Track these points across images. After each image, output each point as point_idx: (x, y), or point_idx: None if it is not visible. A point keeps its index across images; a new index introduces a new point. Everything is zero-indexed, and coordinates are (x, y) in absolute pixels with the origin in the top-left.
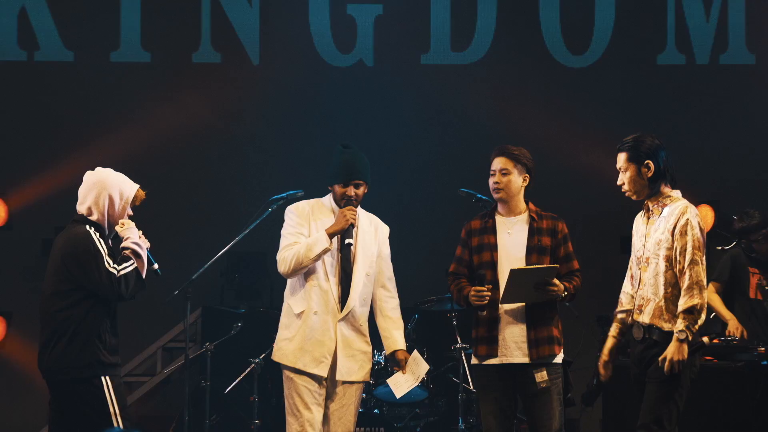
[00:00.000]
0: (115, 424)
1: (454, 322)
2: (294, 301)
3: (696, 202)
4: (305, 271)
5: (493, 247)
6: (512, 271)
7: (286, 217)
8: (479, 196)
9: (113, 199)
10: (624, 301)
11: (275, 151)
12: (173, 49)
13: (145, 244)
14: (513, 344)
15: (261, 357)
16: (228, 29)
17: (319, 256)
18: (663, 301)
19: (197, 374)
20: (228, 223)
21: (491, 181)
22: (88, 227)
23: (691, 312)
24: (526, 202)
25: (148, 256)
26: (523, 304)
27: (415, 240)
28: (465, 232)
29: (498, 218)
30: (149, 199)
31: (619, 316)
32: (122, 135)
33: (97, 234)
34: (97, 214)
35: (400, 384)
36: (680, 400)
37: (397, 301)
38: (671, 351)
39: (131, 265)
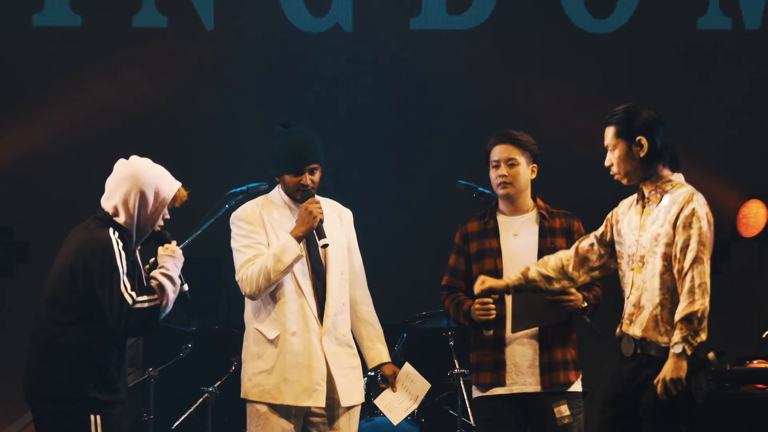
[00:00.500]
0: None
1: (451, 343)
2: (264, 325)
3: (745, 197)
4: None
5: (497, 253)
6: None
7: (233, 227)
8: (481, 189)
9: (147, 198)
10: (550, 263)
11: (232, 135)
12: (109, 10)
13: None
14: (524, 370)
15: (216, 385)
16: None
17: (290, 267)
18: (659, 308)
19: (138, 406)
20: (176, 223)
21: (495, 174)
22: (111, 232)
23: (690, 320)
24: (534, 198)
25: (179, 280)
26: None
27: (404, 243)
28: (460, 236)
29: (500, 218)
30: (77, 193)
31: (533, 267)
32: (46, 114)
33: (121, 243)
34: (125, 215)
35: (394, 406)
36: (691, 429)
37: (371, 303)
38: (666, 369)
39: (153, 301)
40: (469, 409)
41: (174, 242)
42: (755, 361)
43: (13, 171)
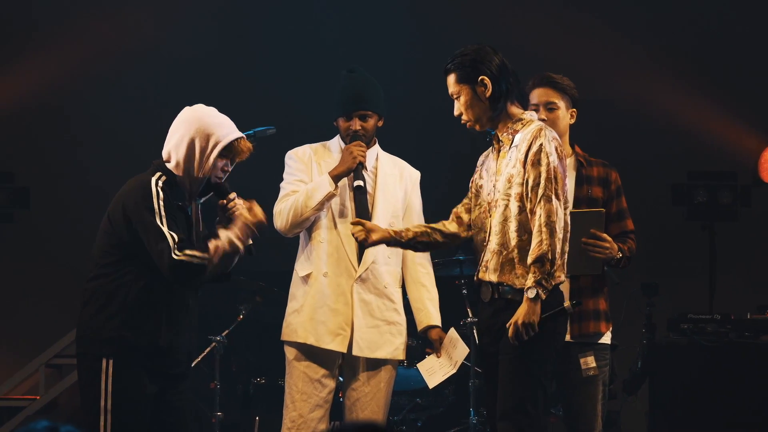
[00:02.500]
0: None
1: (464, 291)
2: (299, 263)
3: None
4: (309, 225)
5: None
6: None
7: (285, 166)
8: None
9: (197, 144)
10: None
11: (237, 74)
12: None
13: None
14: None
15: (224, 334)
16: None
17: (322, 204)
18: (516, 251)
19: None
20: None
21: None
22: (157, 177)
23: (542, 262)
24: (572, 145)
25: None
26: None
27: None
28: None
29: None
30: (79, 138)
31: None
32: (47, 58)
33: (161, 186)
34: (175, 161)
35: (435, 371)
36: (544, 376)
37: (431, 267)
38: (519, 313)
39: (202, 259)
40: None
41: (234, 194)
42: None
43: (13, 115)
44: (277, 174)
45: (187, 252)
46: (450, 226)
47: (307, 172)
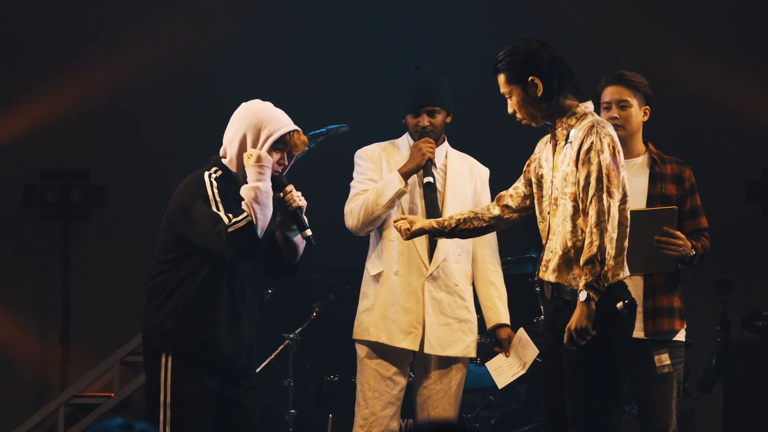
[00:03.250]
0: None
1: (537, 289)
2: (370, 262)
3: None
4: (380, 224)
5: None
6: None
7: (355, 165)
8: None
9: (249, 138)
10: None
11: (310, 74)
12: None
13: (301, 203)
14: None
15: (297, 332)
16: None
17: (392, 202)
18: (573, 252)
19: None
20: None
21: (606, 116)
22: (211, 171)
23: (592, 264)
24: (645, 143)
25: (297, 217)
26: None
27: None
28: None
29: None
30: (153, 136)
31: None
32: (120, 56)
33: (215, 182)
34: (229, 156)
35: (504, 371)
36: (613, 379)
37: (500, 265)
38: (572, 318)
39: (244, 218)
40: None
41: (291, 186)
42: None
43: (88, 114)
44: (348, 171)
45: (233, 222)
46: (493, 209)
47: (377, 170)
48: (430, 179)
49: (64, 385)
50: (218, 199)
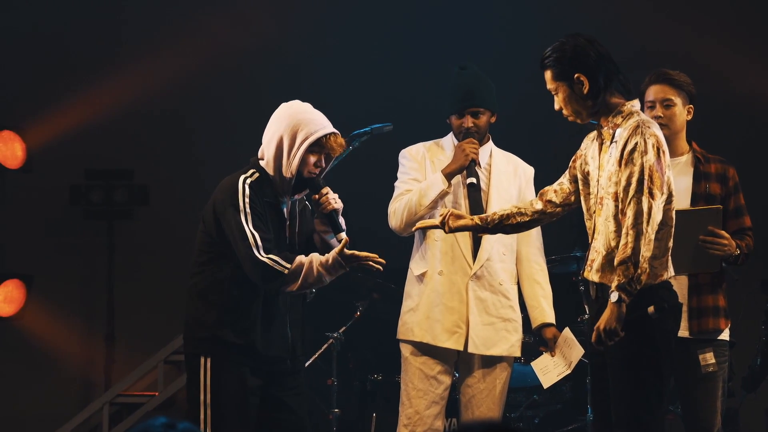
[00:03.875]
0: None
1: (581, 288)
2: (414, 262)
3: None
4: None
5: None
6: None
7: (399, 165)
8: None
9: (285, 140)
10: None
11: (356, 74)
12: None
13: (336, 206)
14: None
15: (341, 331)
16: None
17: (435, 202)
18: (615, 252)
19: None
20: None
21: (650, 115)
22: (247, 175)
23: (625, 265)
24: (689, 141)
25: (333, 219)
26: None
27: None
28: None
29: None
30: (208, 139)
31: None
32: (164, 55)
33: (252, 185)
34: (266, 158)
35: (549, 370)
36: (658, 379)
37: (545, 263)
38: (602, 318)
39: (282, 268)
40: None
41: (327, 188)
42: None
43: (133, 115)
44: (393, 170)
45: (271, 256)
46: (536, 204)
47: (421, 170)
48: (473, 180)
49: (109, 383)
50: (248, 210)
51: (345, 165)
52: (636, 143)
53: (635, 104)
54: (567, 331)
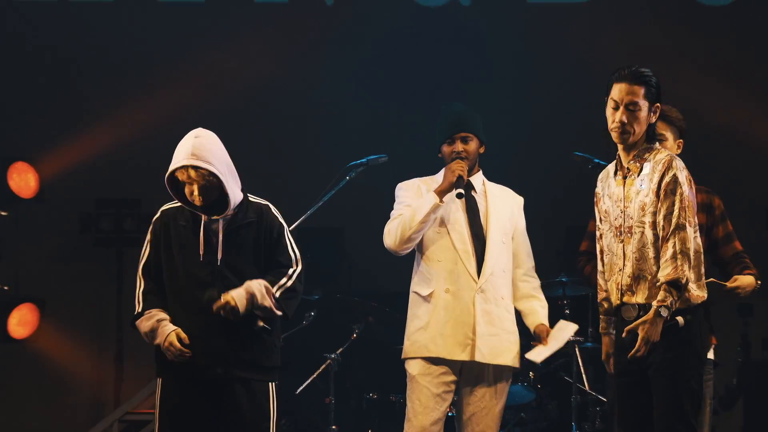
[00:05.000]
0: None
1: (567, 311)
2: (419, 285)
3: None
4: (419, 245)
5: None
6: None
7: (395, 197)
8: (596, 161)
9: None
10: (604, 285)
11: (353, 108)
12: None
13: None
14: None
15: (338, 352)
16: None
17: (428, 216)
18: (655, 275)
19: None
20: (298, 193)
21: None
22: (169, 203)
23: (676, 286)
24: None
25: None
26: None
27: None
28: (596, 205)
29: None
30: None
31: (606, 305)
32: (171, 89)
33: (158, 219)
34: None
35: (541, 352)
36: (700, 388)
37: (538, 282)
38: (648, 330)
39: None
40: (584, 376)
41: (225, 300)
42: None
43: (141, 146)
44: (389, 198)
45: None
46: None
47: (416, 198)
48: (461, 191)
49: (118, 402)
50: (144, 247)
51: (343, 193)
52: (674, 176)
53: (659, 144)
54: (561, 321)
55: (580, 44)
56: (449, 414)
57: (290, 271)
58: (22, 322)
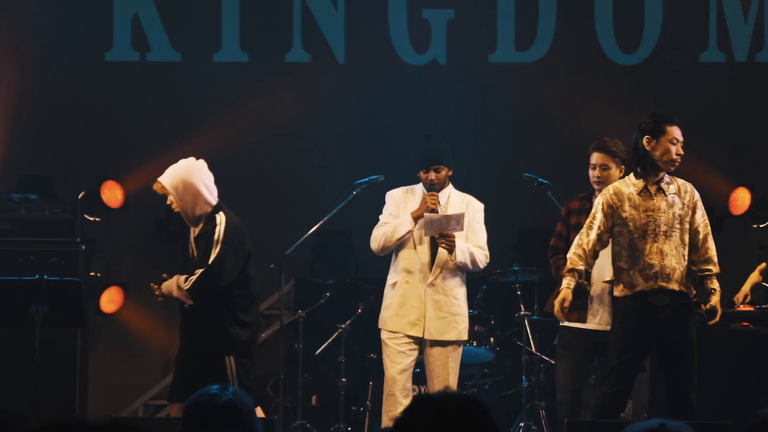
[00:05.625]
0: None
1: (518, 293)
2: (390, 274)
3: (735, 184)
4: (398, 249)
5: None
6: None
7: (386, 202)
8: (540, 180)
9: None
10: (580, 261)
11: (359, 140)
12: (268, 49)
13: None
14: (599, 314)
15: (347, 323)
16: (316, 31)
17: (402, 236)
18: (687, 268)
19: (291, 338)
20: (317, 205)
21: (592, 174)
22: None
23: (718, 275)
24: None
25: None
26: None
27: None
28: (565, 210)
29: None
30: (252, 187)
31: (575, 272)
32: (222, 127)
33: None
34: None
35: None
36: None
37: (484, 253)
38: (717, 304)
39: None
40: (531, 340)
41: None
42: (742, 306)
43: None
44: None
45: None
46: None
47: (398, 207)
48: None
49: None
50: None
51: (350, 204)
52: (698, 196)
53: None
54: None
55: (528, 96)
56: (416, 370)
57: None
58: (110, 300)
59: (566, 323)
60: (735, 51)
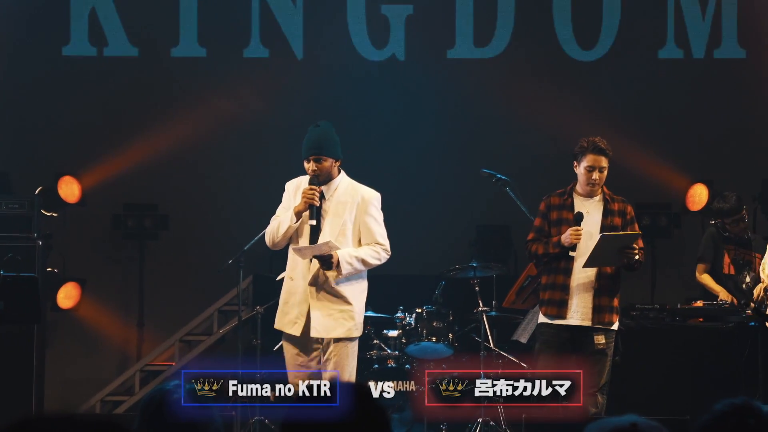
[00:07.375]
0: None
1: (477, 288)
2: (283, 271)
3: (692, 180)
4: (285, 244)
5: (571, 223)
6: (602, 236)
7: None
8: (499, 176)
9: None
10: None
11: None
12: (226, 45)
13: None
14: (580, 309)
15: (265, 306)
16: (275, 27)
17: (287, 232)
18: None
19: (249, 334)
20: (274, 202)
21: (588, 175)
22: None
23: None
24: (601, 187)
25: None
26: (593, 275)
27: (441, 217)
28: (544, 205)
29: (576, 198)
30: (210, 182)
31: None
32: (181, 123)
33: None
34: None
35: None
36: None
37: (379, 248)
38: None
39: None
40: (489, 336)
41: None
42: (698, 302)
43: (159, 162)
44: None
45: None
46: None
47: (290, 199)
48: (313, 223)
49: (139, 356)
50: None
51: None
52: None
53: None
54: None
55: (485, 92)
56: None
57: None
58: (67, 296)
59: (546, 320)
60: (693, 48)
